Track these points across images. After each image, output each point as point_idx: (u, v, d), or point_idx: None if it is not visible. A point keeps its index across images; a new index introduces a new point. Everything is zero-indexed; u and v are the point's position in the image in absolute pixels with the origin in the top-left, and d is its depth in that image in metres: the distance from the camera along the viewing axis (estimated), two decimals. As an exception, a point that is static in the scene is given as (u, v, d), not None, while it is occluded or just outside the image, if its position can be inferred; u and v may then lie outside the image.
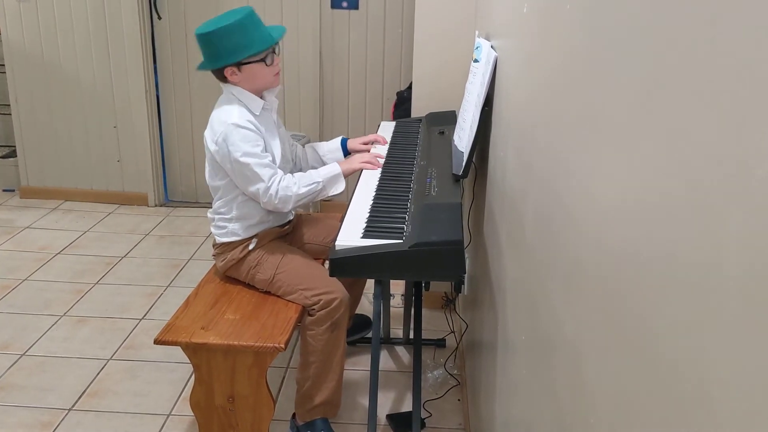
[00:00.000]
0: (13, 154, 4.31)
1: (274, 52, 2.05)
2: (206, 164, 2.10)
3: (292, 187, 2.00)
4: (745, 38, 0.44)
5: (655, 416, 0.57)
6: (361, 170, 2.16)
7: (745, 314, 0.43)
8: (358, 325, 2.65)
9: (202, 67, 2.08)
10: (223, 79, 2.06)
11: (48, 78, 4.03)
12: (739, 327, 0.44)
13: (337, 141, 2.41)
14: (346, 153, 2.38)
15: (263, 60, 2.02)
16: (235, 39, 1.96)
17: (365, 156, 2.16)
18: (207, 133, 2.04)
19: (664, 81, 0.57)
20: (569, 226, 0.89)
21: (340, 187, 2.09)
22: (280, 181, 1.99)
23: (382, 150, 2.35)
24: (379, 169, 2.16)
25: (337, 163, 2.14)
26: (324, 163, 2.38)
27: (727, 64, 0.46)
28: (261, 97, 2.09)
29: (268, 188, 1.97)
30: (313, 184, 2.04)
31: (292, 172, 2.26)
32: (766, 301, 0.40)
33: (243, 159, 1.95)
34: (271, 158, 2.02)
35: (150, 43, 3.99)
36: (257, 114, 2.05)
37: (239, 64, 2.00)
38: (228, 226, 2.11)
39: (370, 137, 2.44)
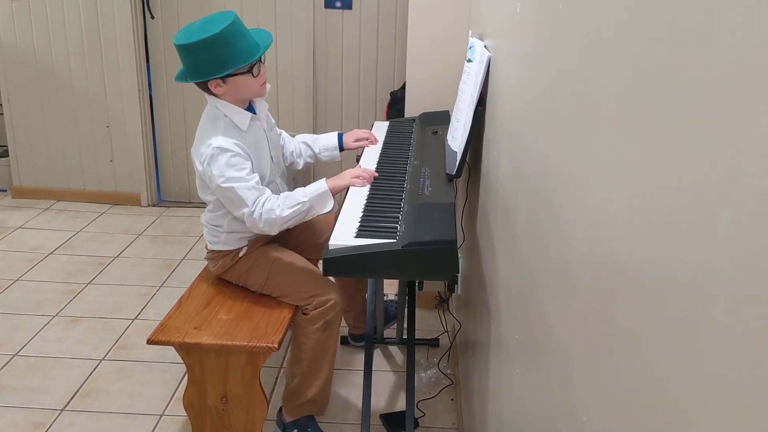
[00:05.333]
0: (5, 153, 4.29)
1: (260, 61, 1.95)
2: (197, 178, 2.04)
3: (276, 210, 1.90)
4: (736, 37, 0.44)
5: (646, 415, 0.58)
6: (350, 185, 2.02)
7: (735, 315, 0.43)
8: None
9: (181, 78, 1.94)
10: (207, 90, 1.96)
11: (40, 77, 4.01)
12: (729, 328, 0.44)
13: (334, 138, 2.34)
14: (342, 149, 2.36)
15: (250, 71, 1.92)
16: (219, 51, 1.83)
17: (356, 171, 2.04)
18: (193, 151, 1.98)
19: (657, 81, 0.57)
20: (560, 226, 0.89)
21: (329, 205, 1.96)
22: (264, 204, 1.89)
23: (374, 150, 2.35)
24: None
25: (325, 180, 1.99)
26: (319, 160, 2.36)
27: (720, 65, 0.46)
28: (249, 103, 2.03)
29: (252, 212, 1.89)
30: (298, 204, 1.92)
31: (284, 173, 2.24)
32: (757, 302, 0.41)
33: (226, 184, 1.88)
34: (258, 178, 1.94)
35: (143, 42, 3.98)
36: (244, 130, 1.96)
37: (224, 77, 1.90)
38: (220, 236, 2.08)
39: (364, 133, 2.41)
